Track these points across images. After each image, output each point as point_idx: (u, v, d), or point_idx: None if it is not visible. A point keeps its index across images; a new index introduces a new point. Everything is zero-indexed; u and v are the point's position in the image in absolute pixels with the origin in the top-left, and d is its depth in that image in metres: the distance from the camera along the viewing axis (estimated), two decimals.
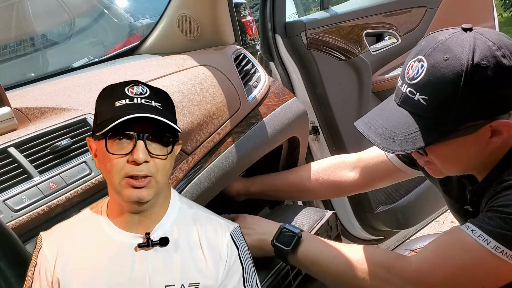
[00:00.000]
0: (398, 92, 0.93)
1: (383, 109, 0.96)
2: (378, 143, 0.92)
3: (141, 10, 2.35)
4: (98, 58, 1.83)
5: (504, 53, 0.83)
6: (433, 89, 0.85)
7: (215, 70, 1.35)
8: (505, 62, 0.83)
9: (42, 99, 1.15)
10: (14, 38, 2.09)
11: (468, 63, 0.82)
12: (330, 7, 1.89)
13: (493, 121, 0.86)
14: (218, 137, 1.26)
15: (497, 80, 0.83)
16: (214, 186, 1.22)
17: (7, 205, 0.88)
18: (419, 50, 0.90)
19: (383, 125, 0.92)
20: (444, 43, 0.86)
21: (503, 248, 0.84)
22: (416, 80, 0.87)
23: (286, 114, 1.46)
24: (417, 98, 0.87)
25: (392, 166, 1.23)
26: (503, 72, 0.83)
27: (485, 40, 0.85)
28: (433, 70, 0.85)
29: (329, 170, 1.37)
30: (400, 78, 0.93)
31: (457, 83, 0.83)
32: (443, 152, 0.91)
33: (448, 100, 0.84)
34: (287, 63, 1.76)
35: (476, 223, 0.89)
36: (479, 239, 0.86)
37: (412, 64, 0.90)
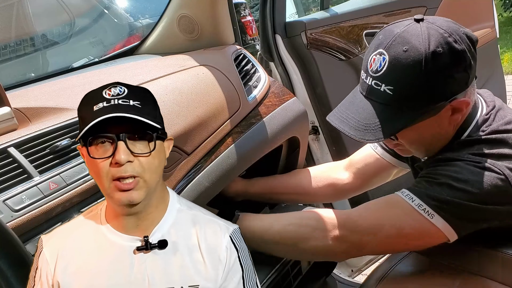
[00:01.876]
0: (364, 85, 0.99)
1: (352, 103, 1.02)
2: (353, 135, 0.98)
3: (141, 10, 2.35)
4: (98, 58, 1.83)
5: (455, 39, 0.92)
6: (397, 79, 0.93)
7: (215, 70, 1.35)
8: (457, 47, 0.91)
9: (42, 99, 1.15)
10: (14, 38, 2.09)
11: (426, 52, 0.90)
12: (330, 7, 1.89)
13: (452, 101, 0.95)
14: (218, 137, 1.26)
15: (452, 64, 0.91)
16: (214, 186, 1.22)
17: (7, 205, 0.88)
18: (378, 43, 0.96)
19: (355, 118, 0.98)
20: (401, 35, 0.93)
21: (425, 206, 0.95)
22: (380, 72, 0.94)
23: (286, 114, 1.46)
24: (383, 89, 0.94)
25: (382, 160, 1.30)
26: (456, 56, 0.91)
27: (436, 28, 0.93)
28: (394, 62, 0.92)
29: (325, 173, 1.41)
30: (363, 71, 1.00)
31: (418, 71, 0.90)
32: (411, 135, 0.99)
33: (411, 88, 0.92)
34: (287, 63, 1.76)
35: (407, 187, 1.01)
36: (406, 198, 0.98)
37: (374, 58, 0.96)
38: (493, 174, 0.92)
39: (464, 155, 0.96)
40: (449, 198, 0.93)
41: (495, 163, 0.93)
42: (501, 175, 0.92)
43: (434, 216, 0.94)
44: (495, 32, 2.33)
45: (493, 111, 1.01)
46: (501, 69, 2.52)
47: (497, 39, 2.38)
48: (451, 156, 0.98)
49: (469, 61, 0.93)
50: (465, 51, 0.92)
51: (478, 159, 0.94)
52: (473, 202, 0.92)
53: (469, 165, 0.94)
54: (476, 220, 0.95)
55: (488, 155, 0.94)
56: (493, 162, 0.93)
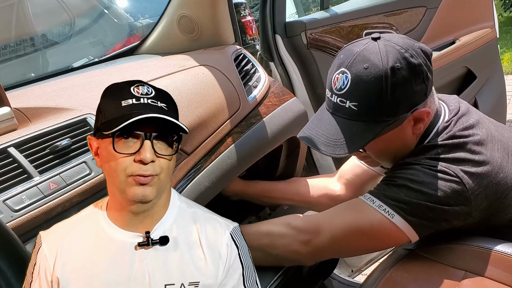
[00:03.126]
0: (329, 102, 1.04)
1: (320, 120, 1.06)
2: (324, 150, 1.02)
3: (141, 10, 2.35)
4: (98, 58, 1.83)
5: (411, 54, 0.97)
6: (360, 95, 0.97)
7: (215, 70, 1.35)
8: (413, 61, 0.96)
9: (42, 99, 1.15)
10: (14, 38, 2.09)
11: (385, 68, 0.95)
12: (330, 7, 1.89)
13: (414, 111, 1.00)
14: (218, 137, 1.26)
15: (410, 77, 0.96)
16: (214, 186, 1.22)
17: (7, 205, 0.88)
18: (340, 63, 1.01)
19: (324, 134, 1.03)
20: (361, 53, 0.98)
21: (386, 207, 1.00)
22: (343, 90, 0.99)
23: (286, 114, 1.46)
24: (348, 105, 0.99)
25: (367, 169, 1.34)
26: (414, 69, 0.96)
27: (393, 45, 0.98)
28: (357, 79, 0.97)
29: (320, 184, 1.46)
30: (328, 90, 1.04)
31: (380, 86, 0.95)
32: (377, 146, 1.04)
33: (375, 103, 0.97)
34: (287, 63, 1.76)
35: (369, 191, 1.06)
36: (367, 200, 1.03)
37: (337, 77, 1.00)
38: (447, 176, 0.97)
39: (421, 159, 1.01)
40: (407, 199, 0.98)
41: (450, 166, 0.97)
42: (455, 177, 0.96)
43: (395, 216, 0.99)
44: (495, 32, 2.34)
45: (455, 117, 1.05)
46: (501, 69, 2.52)
47: (497, 39, 2.38)
48: (409, 160, 1.03)
49: (425, 73, 0.98)
50: (422, 64, 0.97)
51: (434, 163, 0.99)
52: (430, 202, 0.96)
53: (424, 168, 0.99)
54: (435, 219, 0.99)
55: (443, 159, 0.99)
56: (448, 165, 0.98)
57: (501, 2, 7.11)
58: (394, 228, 0.99)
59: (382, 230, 1.00)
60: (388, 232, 1.00)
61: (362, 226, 1.03)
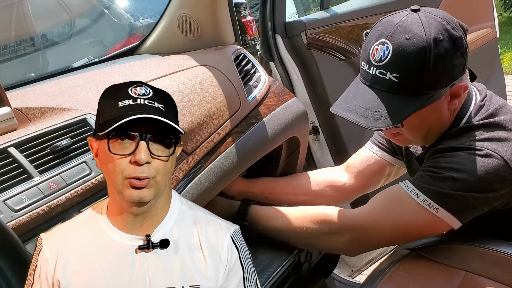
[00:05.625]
0: (367, 75, 1.01)
1: (356, 93, 1.03)
2: (362, 123, 0.99)
3: (141, 10, 2.35)
4: (98, 58, 1.83)
5: (453, 26, 0.96)
6: (402, 66, 0.95)
7: (215, 70, 1.35)
8: (455, 34, 0.96)
9: (42, 99, 1.15)
10: (14, 38, 2.09)
11: (428, 39, 0.93)
12: (330, 7, 1.89)
13: (452, 86, 0.98)
14: (218, 137, 1.25)
15: (452, 50, 0.95)
16: (214, 186, 1.22)
17: (7, 205, 0.88)
18: (379, 34, 0.99)
19: (362, 107, 1.00)
20: (401, 24, 0.96)
21: (430, 201, 0.99)
22: (384, 61, 0.96)
23: (286, 114, 1.46)
24: (388, 77, 0.96)
25: (379, 158, 1.34)
26: (455, 41, 0.95)
27: (434, 17, 0.97)
28: (399, 49, 0.95)
29: (324, 175, 1.45)
30: (364, 63, 1.02)
31: (422, 57, 0.93)
32: (415, 121, 1.01)
33: (417, 74, 0.95)
34: (287, 63, 1.76)
35: (411, 180, 1.04)
36: (411, 193, 1.01)
37: (376, 48, 0.98)
38: (494, 160, 0.95)
39: (465, 142, 0.99)
40: (453, 192, 0.97)
41: (495, 148, 0.96)
42: (501, 160, 0.95)
43: (439, 210, 0.98)
44: (495, 32, 2.34)
45: (487, 97, 1.06)
46: (501, 69, 2.52)
47: (497, 39, 2.38)
48: (453, 145, 1.01)
49: (465, 47, 0.97)
50: (462, 38, 0.97)
51: (479, 145, 0.98)
52: (475, 192, 0.96)
53: (470, 155, 0.97)
54: (478, 206, 0.99)
55: (488, 139, 0.98)
56: (494, 147, 0.97)
57: (501, 2, 7.11)
58: (438, 221, 0.99)
59: (426, 224, 1.01)
60: (432, 225, 1.01)
61: (406, 222, 1.04)
